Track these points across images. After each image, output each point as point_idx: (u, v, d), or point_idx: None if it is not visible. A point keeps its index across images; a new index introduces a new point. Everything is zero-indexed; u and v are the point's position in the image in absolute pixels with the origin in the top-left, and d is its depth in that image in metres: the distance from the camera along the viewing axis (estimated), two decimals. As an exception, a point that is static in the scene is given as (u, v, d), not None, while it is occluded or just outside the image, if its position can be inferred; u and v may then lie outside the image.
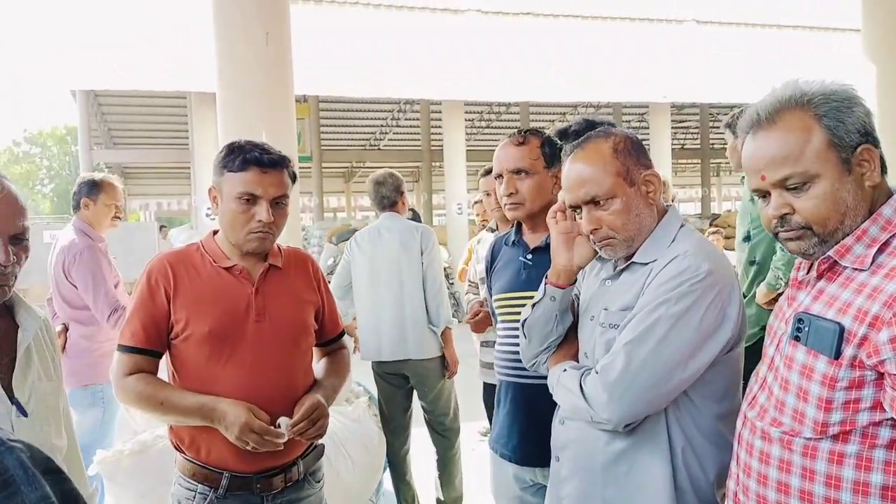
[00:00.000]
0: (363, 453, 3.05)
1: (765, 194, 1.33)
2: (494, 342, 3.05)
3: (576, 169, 1.65)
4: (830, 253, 1.27)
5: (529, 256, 2.19)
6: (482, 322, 3.16)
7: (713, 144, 27.91)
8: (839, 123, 1.25)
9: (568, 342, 1.80)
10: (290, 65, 5.05)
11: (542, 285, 1.79)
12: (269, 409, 1.86)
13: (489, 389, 3.34)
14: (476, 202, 5.21)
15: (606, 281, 1.73)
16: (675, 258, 1.57)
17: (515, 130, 2.28)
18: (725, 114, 26.95)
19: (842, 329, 1.19)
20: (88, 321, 3.54)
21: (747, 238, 3.54)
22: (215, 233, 2.05)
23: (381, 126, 27.20)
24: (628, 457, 1.59)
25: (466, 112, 19.04)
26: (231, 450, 1.87)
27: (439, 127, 25.31)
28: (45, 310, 1.85)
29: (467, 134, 19.78)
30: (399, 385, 3.62)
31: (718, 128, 28.53)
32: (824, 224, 1.26)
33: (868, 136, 1.26)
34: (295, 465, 1.99)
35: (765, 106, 1.31)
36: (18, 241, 1.51)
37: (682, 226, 1.69)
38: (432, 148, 24.33)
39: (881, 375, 1.17)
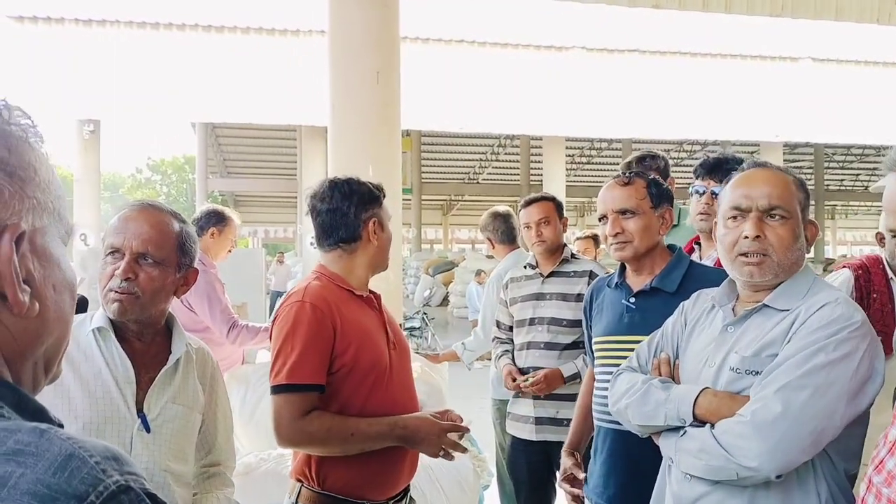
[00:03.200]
0: (458, 490, 3.04)
1: None
2: (531, 392, 2.99)
3: None
4: None
5: (633, 300, 2.15)
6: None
7: (828, 185, 26.57)
8: None
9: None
10: (398, 102, 5.21)
11: (681, 416, 1.60)
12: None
13: (519, 445, 3.17)
14: (579, 238, 5.18)
15: (728, 327, 1.66)
16: (826, 304, 1.50)
17: (620, 171, 2.26)
18: (842, 154, 25.74)
19: None
20: (204, 342, 3.73)
21: None
22: (321, 268, 2.05)
23: (481, 160, 27.49)
24: None
25: (567, 148, 18.98)
26: (367, 479, 1.90)
27: (539, 162, 25.35)
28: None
29: (567, 170, 19.71)
30: None
31: (833, 168, 27.22)
32: None
33: None
34: (408, 489, 2.06)
35: None
36: (145, 259, 1.64)
37: (816, 277, 1.63)
38: (531, 182, 24.32)
39: None
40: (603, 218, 2.17)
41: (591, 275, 3.11)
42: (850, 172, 28.05)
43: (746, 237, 1.58)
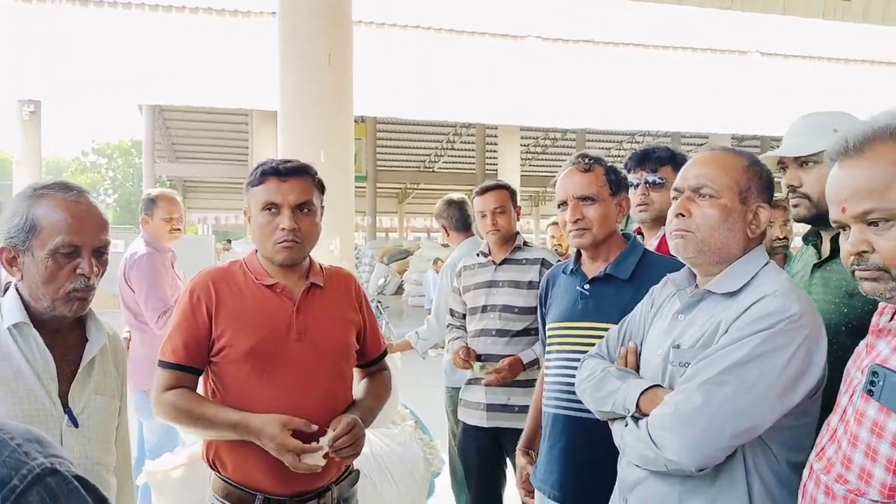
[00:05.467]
0: (408, 478, 3.02)
1: (845, 227, 1.25)
2: (482, 379, 2.98)
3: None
4: None
5: (587, 287, 2.14)
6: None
7: (775, 177, 27.32)
8: None
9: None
10: (350, 87, 5.11)
11: (626, 406, 1.62)
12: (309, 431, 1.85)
13: (470, 432, 3.15)
14: (551, 224, 5.13)
15: (679, 315, 1.67)
16: (764, 297, 1.49)
17: (578, 156, 2.23)
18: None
19: None
20: (145, 328, 3.69)
21: None
22: (257, 251, 2.05)
23: (437, 148, 27.45)
24: (706, 501, 1.51)
25: (522, 137, 19.06)
26: (266, 471, 1.85)
27: (494, 151, 25.43)
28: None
29: (522, 159, 19.80)
30: None
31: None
32: None
33: None
34: (329, 491, 1.95)
35: (855, 134, 1.23)
36: (100, 254, 1.55)
37: (766, 263, 1.62)
38: (487, 171, 24.38)
39: None
40: (562, 204, 2.15)
41: (544, 262, 3.10)
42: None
43: (673, 215, 1.62)
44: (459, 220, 3.89)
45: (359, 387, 2.15)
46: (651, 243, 2.58)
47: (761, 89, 16.42)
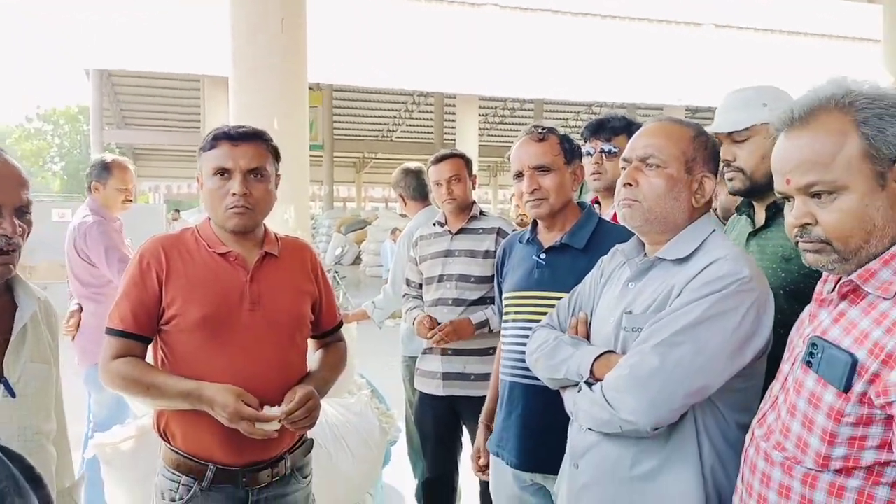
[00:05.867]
0: (364, 447, 3.02)
1: (788, 198, 1.25)
2: (439, 348, 2.97)
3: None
4: (853, 277, 1.17)
5: (543, 256, 2.15)
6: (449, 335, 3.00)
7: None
8: (879, 133, 1.13)
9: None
10: (304, 52, 4.99)
11: (580, 371, 1.63)
12: (262, 402, 1.82)
13: (426, 400, 3.15)
14: (513, 195, 5.10)
15: (630, 283, 1.68)
16: (715, 261, 1.52)
17: (532, 126, 2.23)
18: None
19: (855, 361, 1.11)
20: (99, 299, 3.57)
21: None
22: (210, 218, 2.01)
23: (394, 117, 27.21)
24: (658, 465, 1.54)
25: (480, 107, 18.99)
26: (217, 441, 1.83)
27: (452, 121, 25.31)
28: (48, 290, 1.82)
29: (480, 129, 19.75)
30: None
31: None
32: (846, 241, 1.16)
33: None
34: (282, 460, 1.94)
35: (801, 104, 1.21)
36: (22, 213, 1.48)
37: (713, 231, 1.64)
38: (445, 141, 24.27)
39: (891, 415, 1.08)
40: (518, 175, 2.15)
41: (500, 231, 3.10)
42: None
43: (621, 185, 1.64)
44: (416, 188, 3.86)
45: (313, 357, 2.12)
46: (608, 213, 2.59)
47: (715, 61, 16.60)
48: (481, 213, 3.22)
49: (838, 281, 1.28)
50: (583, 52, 16.44)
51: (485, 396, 3.00)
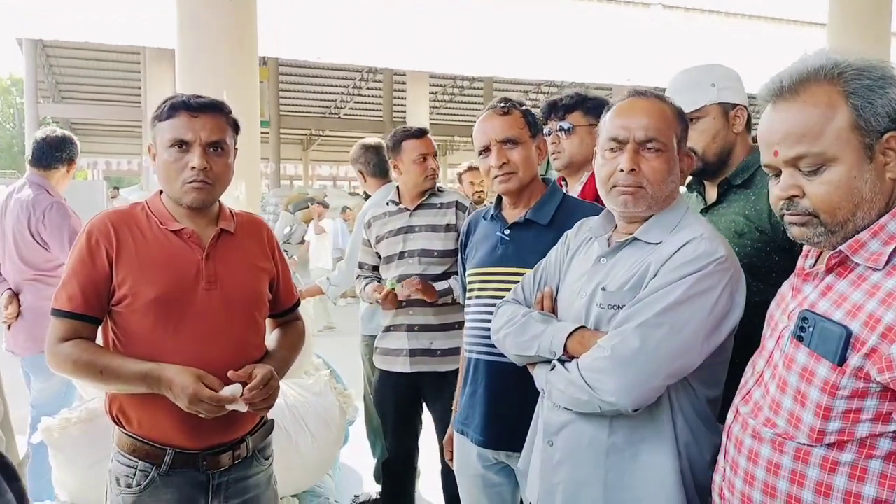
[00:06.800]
0: (323, 427, 2.97)
1: (776, 172, 1.23)
2: (405, 325, 2.95)
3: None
4: (843, 248, 1.16)
5: (507, 232, 2.12)
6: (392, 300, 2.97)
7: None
8: (868, 104, 1.13)
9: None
10: (254, 24, 4.84)
11: (553, 349, 1.62)
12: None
13: (387, 379, 3.10)
14: (472, 169, 5.03)
15: (601, 259, 1.66)
16: (692, 240, 1.51)
17: (497, 100, 2.19)
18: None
19: (849, 334, 1.10)
20: (49, 282, 3.38)
21: None
22: (161, 192, 1.92)
23: (343, 94, 26.80)
24: (634, 440, 1.54)
25: (430, 85, 18.84)
26: (176, 424, 1.76)
27: (402, 98, 25.06)
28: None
29: (430, 107, 19.62)
30: None
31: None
32: (833, 213, 1.15)
33: None
34: (243, 442, 1.88)
35: (790, 74, 1.19)
36: None
37: (686, 209, 1.64)
38: (394, 119, 24.06)
39: (886, 387, 1.08)
40: (484, 150, 2.11)
41: (458, 205, 3.08)
42: (690, 118, 29.88)
43: (622, 170, 1.57)
44: (377, 165, 3.79)
45: (271, 337, 2.06)
46: (575, 189, 2.59)
47: (664, 42, 16.81)
48: (438, 189, 3.18)
49: (819, 255, 1.28)
50: (533, 31, 16.46)
51: (450, 372, 3.00)
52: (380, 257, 3.16)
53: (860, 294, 1.13)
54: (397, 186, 3.19)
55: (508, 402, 2.02)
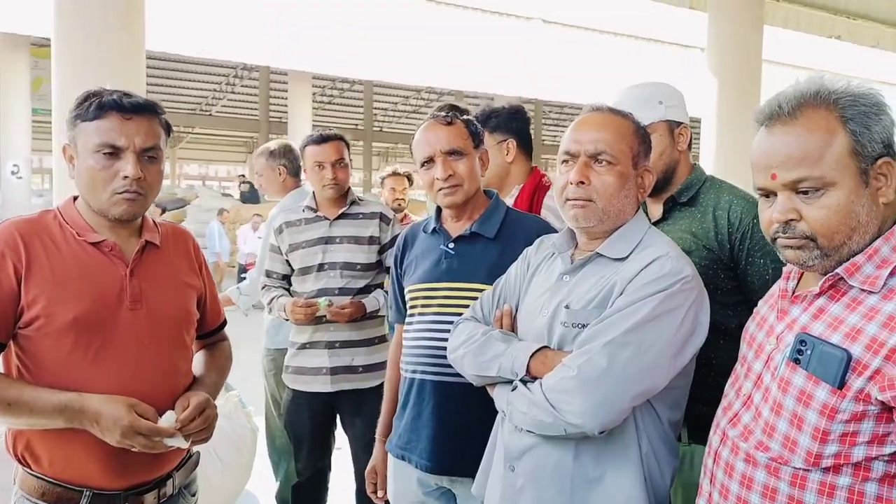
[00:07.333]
0: (234, 452, 2.76)
1: (769, 194, 1.22)
2: (324, 342, 2.83)
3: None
4: (839, 270, 1.17)
5: (452, 245, 2.03)
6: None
7: (544, 140, 29.28)
8: (865, 130, 1.15)
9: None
10: (142, 12, 4.48)
11: (515, 369, 1.55)
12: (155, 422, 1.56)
13: (302, 399, 2.94)
14: (395, 174, 4.83)
15: (564, 276, 1.62)
16: (658, 258, 1.49)
17: (439, 108, 2.11)
18: (557, 112, 28.45)
19: (849, 357, 1.10)
20: None
21: None
22: (76, 199, 1.70)
23: (215, 91, 25.74)
24: (600, 464, 1.50)
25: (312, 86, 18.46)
26: (96, 461, 1.56)
27: (278, 97, 24.37)
28: None
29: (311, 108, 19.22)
30: None
31: (549, 124, 29.96)
32: (831, 237, 1.16)
33: (890, 149, 1.17)
34: (169, 479, 1.70)
35: (788, 98, 1.19)
36: None
37: (649, 227, 1.62)
38: (270, 119, 23.40)
39: (884, 409, 1.09)
40: (427, 162, 2.01)
41: (382, 217, 2.96)
42: (561, 129, 31.11)
43: (572, 183, 1.55)
44: (293, 168, 3.62)
45: (197, 360, 1.88)
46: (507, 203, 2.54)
47: (544, 56, 17.33)
48: (359, 198, 3.04)
49: (801, 277, 1.30)
50: (415, 36, 16.47)
51: (372, 388, 2.87)
52: (291, 266, 2.99)
53: (857, 317, 1.14)
54: (314, 193, 3.03)
55: (457, 425, 1.93)
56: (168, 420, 1.56)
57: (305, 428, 2.95)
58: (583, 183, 1.53)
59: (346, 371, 2.85)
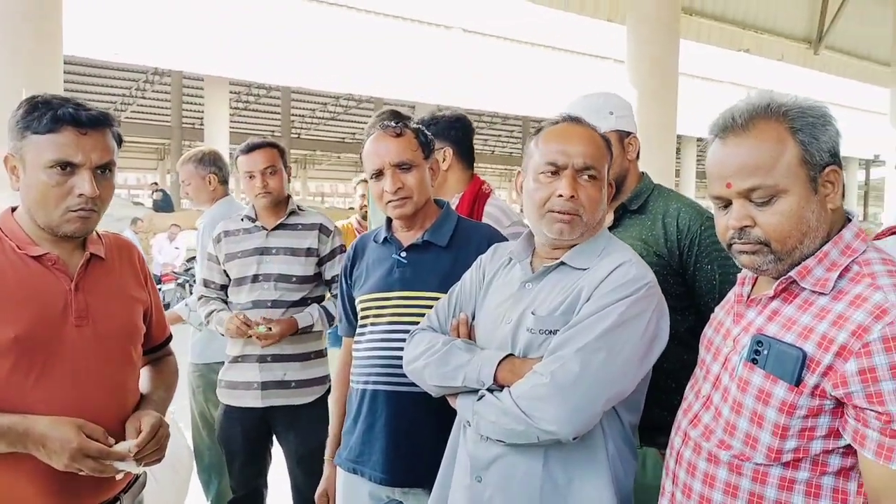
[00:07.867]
0: (170, 472, 2.63)
1: (725, 203, 1.28)
2: (256, 356, 2.76)
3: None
4: (792, 274, 1.23)
5: (404, 254, 2.02)
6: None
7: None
8: (813, 140, 1.22)
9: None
10: (59, 12, 4.25)
11: (481, 378, 1.55)
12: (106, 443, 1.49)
13: (234, 414, 2.85)
14: (359, 182, 4.72)
15: (526, 284, 1.63)
16: (622, 264, 1.52)
17: (387, 118, 2.09)
18: (482, 122, 28.77)
19: (804, 355, 1.17)
20: None
21: None
22: (14, 210, 1.61)
23: (125, 96, 24.80)
24: (569, 471, 1.51)
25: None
26: (40, 487, 1.48)
27: (192, 103, 23.67)
28: None
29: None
30: None
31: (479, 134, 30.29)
32: (784, 242, 1.22)
33: (836, 158, 1.24)
34: (117, 502, 1.64)
35: (741, 111, 1.26)
36: None
37: (611, 236, 1.66)
38: (184, 125, 22.69)
39: (839, 404, 1.15)
40: (377, 174, 1.99)
41: (322, 228, 2.90)
42: (480, 137, 31.47)
43: (561, 195, 1.55)
44: (223, 176, 3.52)
45: (144, 376, 1.81)
46: None
47: (464, 65, 17.50)
48: (299, 208, 2.98)
49: (755, 282, 1.36)
50: (334, 43, 16.32)
51: (305, 404, 2.80)
52: (229, 276, 2.90)
53: (809, 317, 1.20)
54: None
55: (411, 435, 1.91)
56: (128, 446, 1.49)
57: (238, 444, 2.86)
58: (573, 197, 1.54)
59: (277, 386, 2.78)
